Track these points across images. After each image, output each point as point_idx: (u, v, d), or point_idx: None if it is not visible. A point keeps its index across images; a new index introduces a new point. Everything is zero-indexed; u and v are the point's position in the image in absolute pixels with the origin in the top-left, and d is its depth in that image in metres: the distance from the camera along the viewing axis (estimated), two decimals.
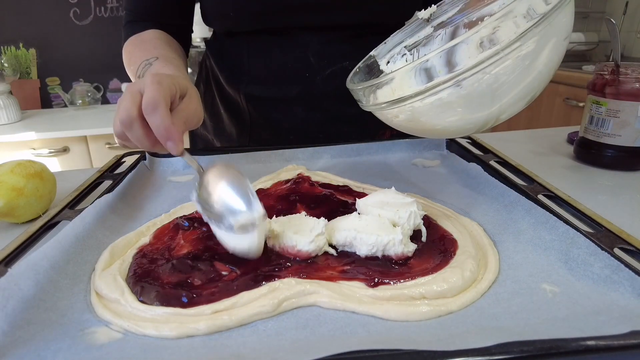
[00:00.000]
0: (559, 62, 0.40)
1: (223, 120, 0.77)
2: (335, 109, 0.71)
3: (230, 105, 0.74)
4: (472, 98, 0.38)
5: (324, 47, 0.67)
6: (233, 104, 0.74)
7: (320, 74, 0.68)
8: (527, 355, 0.25)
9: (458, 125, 0.42)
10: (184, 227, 0.43)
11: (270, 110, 0.71)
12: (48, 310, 0.31)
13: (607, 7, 2.37)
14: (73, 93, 1.98)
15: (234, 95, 0.72)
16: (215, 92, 0.77)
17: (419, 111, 0.40)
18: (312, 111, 0.71)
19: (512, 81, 0.37)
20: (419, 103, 0.40)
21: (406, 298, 0.33)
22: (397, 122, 0.44)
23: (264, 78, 0.69)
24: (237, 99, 0.72)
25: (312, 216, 0.41)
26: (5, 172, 0.47)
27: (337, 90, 0.66)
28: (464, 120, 0.41)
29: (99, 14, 1.97)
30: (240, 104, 0.72)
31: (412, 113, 0.41)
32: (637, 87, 0.59)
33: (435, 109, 0.40)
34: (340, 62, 0.68)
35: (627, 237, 0.37)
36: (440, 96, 0.38)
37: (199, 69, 0.83)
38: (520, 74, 0.37)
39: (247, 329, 0.31)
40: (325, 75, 0.68)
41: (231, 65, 0.72)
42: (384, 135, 0.75)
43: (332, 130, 0.72)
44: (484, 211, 0.47)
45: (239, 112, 0.73)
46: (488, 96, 0.38)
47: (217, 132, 0.79)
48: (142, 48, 0.63)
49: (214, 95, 0.77)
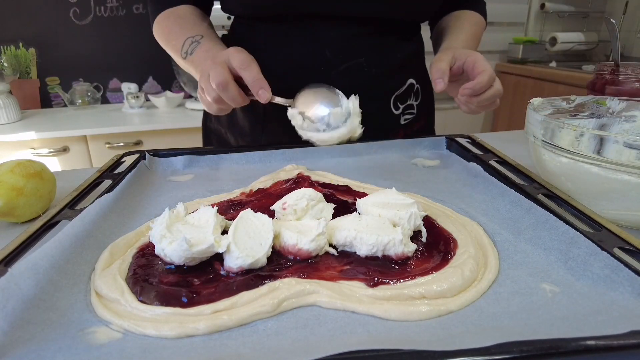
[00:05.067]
0: None
1: (236, 113, 0.77)
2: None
3: None
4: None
5: (341, 43, 0.68)
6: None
7: (335, 69, 0.69)
8: (527, 355, 0.25)
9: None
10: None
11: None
12: (48, 310, 0.31)
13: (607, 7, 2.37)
14: (73, 93, 1.97)
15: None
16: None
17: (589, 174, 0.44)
18: None
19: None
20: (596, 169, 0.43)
21: (406, 298, 0.33)
22: (552, 167, 0.48)
23: (280, 71, 0.69)
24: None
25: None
26: (5, 171, 0.47)
27: (351, 86, 0.67)
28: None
29: (99, 13, 1.97)
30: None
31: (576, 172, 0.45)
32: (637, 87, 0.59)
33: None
34: (356, 58, 0.68)
35: (627, 237, 0.37)
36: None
37: None
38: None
39: (247, 328, 0.31)
40: (340, 71, 0.69)
41: None
42: (396, 135, 0.75)
43: None
44: (484, 211, 0.47)
45: (253, 105, 0.73)
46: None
47: (231, 125, 0.79)
48: (181, 25, 0.68)
49: None
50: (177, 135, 1.74)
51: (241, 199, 0.51)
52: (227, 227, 0.41)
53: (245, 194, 0.53)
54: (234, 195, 0.52)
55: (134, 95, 1.90)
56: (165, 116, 1.84)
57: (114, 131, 1.68)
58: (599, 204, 0.44)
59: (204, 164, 0.64)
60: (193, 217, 0.41)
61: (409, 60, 0.76)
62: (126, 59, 2.03)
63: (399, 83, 0.74)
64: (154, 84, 2.13)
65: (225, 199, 0.51)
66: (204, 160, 0.64)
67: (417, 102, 0.78)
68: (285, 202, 0.43)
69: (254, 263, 0.36)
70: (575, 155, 0.44)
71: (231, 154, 0.64)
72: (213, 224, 0.39)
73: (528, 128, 0.52)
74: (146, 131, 1.72)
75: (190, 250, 0.35)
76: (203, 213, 0.41)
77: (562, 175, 0.47)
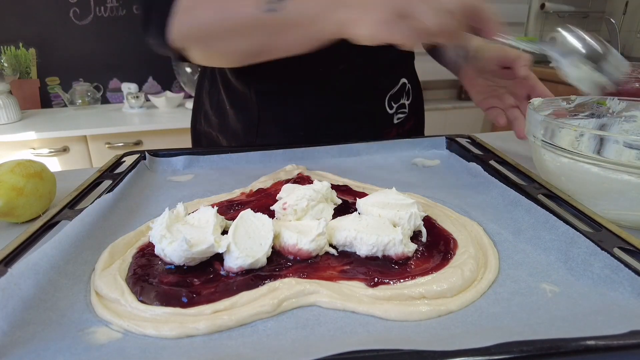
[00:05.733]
0: None
1: (228, 116, 0.76)
2: (345, 105, 0.71)
3: (237, 101, 0.74)
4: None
5: (340, 43, 0.67)
6: (240, 99, 0.73)
7: (334, 69, 0.68)
8: (527, 355, 0.25)
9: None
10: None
11: (281, 106, 0.71)
12: (48, 310, 0.31)
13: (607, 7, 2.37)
14: (73, 93, 1.98)
15: (243, 90, 0.72)
16: (222, 87, 0.76)
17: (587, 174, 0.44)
18: (322, 107, 0.71)
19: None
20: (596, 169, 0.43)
21: (406, 298, 0.33)
22: (552, 167, 0.48)
23: (277, 72, 0.68)
24: (246, 94, 0.71)
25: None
26: (5, 171, 0.47)
27: (349, 86, 0.66)
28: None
29: (99, 13, 1.97)
30: (249, 100, 0.71)
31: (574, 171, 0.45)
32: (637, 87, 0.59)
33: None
34: (354, 58, 0.68)
35: (627, 237, 0.37)
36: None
37: (204, 66, 0.81)
38: None
39: (247, 329, 0.31)
40: (338, 71, 0.69)
41: None
42: (389, 134, 0.75)
43: (341, 126, 0.73)
44: (484, 211, 0.47)
45: (247, 108, 0.72)
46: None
47: (222, 129, 0.78)
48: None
49: (220, 91, 0.76)
50: (177, 135, 1.75)
51: (241, 199, 0.51)
52: (227, 227, 0.41)
53: (245, 194, 0.53)
54: (234, 195, 0.52)
55: (134, 95, 1.90)
56: (165, 116, 1.84)
57: (114, 131, 1.69)
58: (599, 204, 0.44)
59: (204, 164, 0.64)
60: (193, 217, 0.41)
61: (402, 60, 0.77)
62: (126, 59, 2.03)
63: (392, 82, 0.75)
64: (154, 84, 2.14)
65: (225, 199, 0.51)
66: (204, 160, 0.64)
67: (408, 102, 0.79)
68: (285, 202, 0.43)
69: (254, 263, 0.36)
70: (575, 155, 0.44)
71: (231, 154, 0.64)
72: (213, 224, 0.39)
73: (528, 128, 0.52)
74: (146, 131, 1.72)
75: (190, 250, 0.35)
76: (203, 213, 0.41)
77: (562, 175, 0.47)
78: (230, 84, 0.73)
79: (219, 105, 0.77)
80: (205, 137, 0.82)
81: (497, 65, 0.66)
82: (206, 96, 0.80)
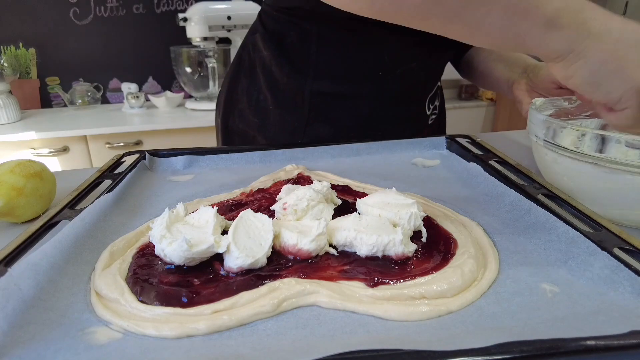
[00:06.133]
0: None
1: (270, 116, 0.73)
2: (394, 107, 0.72)
3: (284, 101, 0.71)
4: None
5: (399, 47, 0.67)
6: (288, 99, 0.71)
7: (391, 73, 0.69)
8: (527, 355, 0.25)
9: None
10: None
11: (335, 107, 0.70)
12: (48, 310, 0.31)
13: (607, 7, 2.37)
14: (73, 93, 1.98)
15: (294, 90, 0.70)
16: (265, 86, 0.73)
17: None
18: (376, 109, 0.71)
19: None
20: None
21: (406, 298, 0.33)
22: (555, 167, 0.48)
23: (336, 73, 0.68)
24: (298, 94, 0.70)
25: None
26: (5, 171, 0.47)
27: (402, 89, 0.68)
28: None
29: (99, 13, 1.97)
30: (301, 100, 0.70)
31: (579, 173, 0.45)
32: None
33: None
34: (410, 62, 0.69)
35: (627, 237, 0.37)
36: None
37: (237, 61, 0.79)
38: None
39: (247, 329, 0.31)
40: (395, 75, 0.69)
41: (295, 59, 0.69)
42: (422, 134, 0.75)
43: (387, 128, 0.73)
44: (484, 211, 0.47)
45: (296, 108, 0.71)
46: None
47: (262, 129, 0.75)
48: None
49: (261, 90, 0.73)
50: (177, 135, 1.75)
51: (241, 199, 0.51)
52: (227, 227, 0.41)
53: (245, 194, 0.53)
54: (234, 195, 0.52)
55: (134, 95, 1.90)
56: (165, 116, 1.84)
57: (114, 131, 1.69)
58: (601, 203, 0.44)
59: (204, 164, 0.64)
60: (193, 217, 0.41)
61: (444, 64, 0.78)
62: (126, 59, 2.03)
63: (433, 85, 0.77)
64: (154, 84, 2.14)
65: (225, 199, 0.51)
66: (204, 160, 0.64)
67: (439, 103, 0.82)
68: (285, 202, 0.43)
69: (254, 263, 0.36)
70: (577, 155, 0.44)
71: (231, 154, 0.64)
72: (213, 224, 0.39)
73: (530, 128, 0.52)
74: (146, 131, 1.72)
75: (190, 250, 0.35)
76: (203, 213, 0.41)
77: (564, 175, 0.47)
78: (278, 83, 0.71)
79: (259, 104, 0.74)
80: (239, 135, 0.79)
81: (553, 84, 0.66)
82: (243, 94, 0.77)
